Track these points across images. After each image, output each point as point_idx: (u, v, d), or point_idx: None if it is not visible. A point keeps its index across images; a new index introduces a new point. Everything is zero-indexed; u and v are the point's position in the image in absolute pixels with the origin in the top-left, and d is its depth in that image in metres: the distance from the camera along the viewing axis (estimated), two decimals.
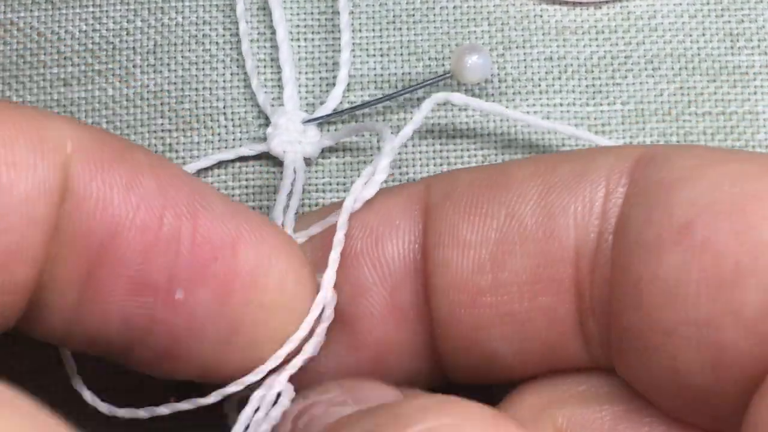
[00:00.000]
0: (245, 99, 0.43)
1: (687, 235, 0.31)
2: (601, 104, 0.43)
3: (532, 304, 0.34)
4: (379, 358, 0.35)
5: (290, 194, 0.40)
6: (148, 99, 0.43)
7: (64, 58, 0.43)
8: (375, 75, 0.43)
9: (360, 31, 0.43)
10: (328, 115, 0.42)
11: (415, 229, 0.36)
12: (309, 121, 0.42)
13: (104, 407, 0.36)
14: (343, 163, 0.42)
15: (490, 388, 0.37)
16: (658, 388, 0.33)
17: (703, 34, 0.43)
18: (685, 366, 0.32)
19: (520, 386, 0.36)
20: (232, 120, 0.43)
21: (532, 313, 0.34)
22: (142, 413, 0.36)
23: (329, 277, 0.35)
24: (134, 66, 0.43)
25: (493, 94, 0.43)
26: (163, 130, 0.43)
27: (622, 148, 0.36)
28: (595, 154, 0.35)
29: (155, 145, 0.42)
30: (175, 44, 0.43)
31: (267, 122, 0.42)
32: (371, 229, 0.36)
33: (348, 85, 0.43)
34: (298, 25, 0.44)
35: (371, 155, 0.43)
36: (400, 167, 0.42)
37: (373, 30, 0.44)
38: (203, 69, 0.43)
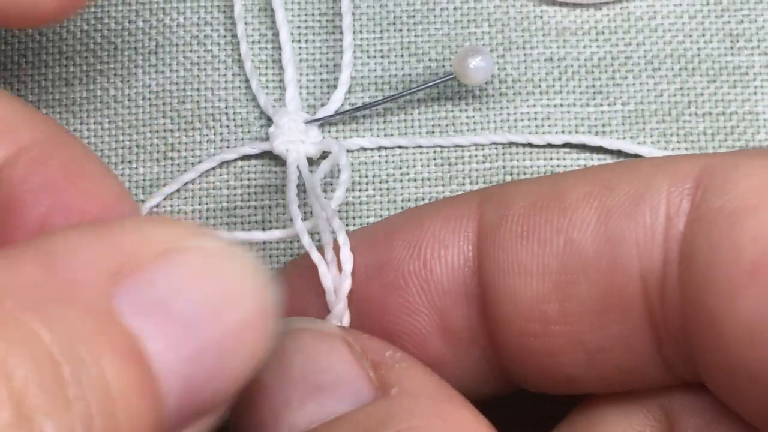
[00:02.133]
0: (247, 99, 0.43)
1: (759, 275, 0.30)
2: (601, 105, 0.43)
3: (604, 333, 0.33)
4: (433, 369, 0.33)
5: (298, 194, 0.40)
6: (150, 99, 0.43)
7: (66, 58, 0.43)
8: (375, 77, 0.43)
9: (361, 32, 0.44)
10: (330, 116, 0.42)
11: (466, 251, 0.34)
12: (311, 121, 0.42)
13: None
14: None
15: None
16: (750, 413, 0.32)
17: (703, 35, 0.43)
18: None
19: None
20: (234, 120, 0.43)
21: (606, 341, 0.33)
22: None
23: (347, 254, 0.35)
24: (136, 66, 0.43)
25: (493, 95, 0.43)
26: (165, 130, 0.43)
27: (679, 164, 0.33)
28: (652, 171, 0.33)
29: (157, 145, 0.42)
30: (177, 45, 0.43)
31: (268, 123, 0.42)
32: (420, 248, 0.34)
33: (348, 86, 0.43)
34: (299, 27, 0.44)
35: (372, 155, 0.42)
36: (401, 167, 0.42)
37: (374, 32, 0.44)
38: (205, 69, 0.43)
